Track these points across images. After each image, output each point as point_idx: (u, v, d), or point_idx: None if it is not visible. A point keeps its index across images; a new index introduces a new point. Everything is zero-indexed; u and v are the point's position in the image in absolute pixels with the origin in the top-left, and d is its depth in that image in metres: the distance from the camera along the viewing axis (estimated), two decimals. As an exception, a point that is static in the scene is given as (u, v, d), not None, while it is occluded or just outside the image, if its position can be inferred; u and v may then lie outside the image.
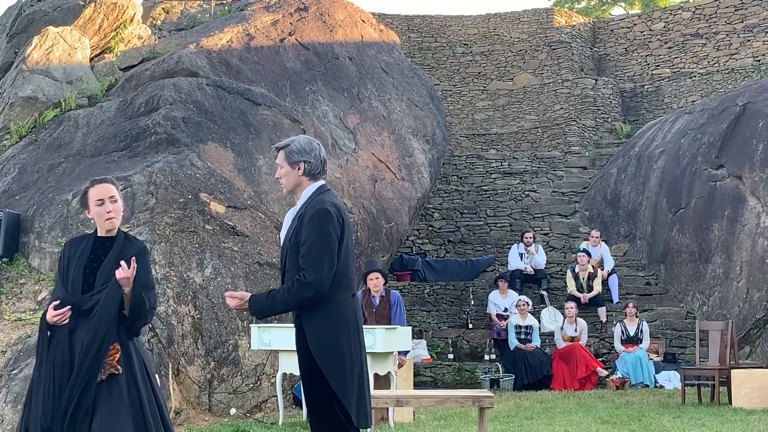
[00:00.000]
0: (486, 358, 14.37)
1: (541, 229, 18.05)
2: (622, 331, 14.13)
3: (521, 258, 16.15)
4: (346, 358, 4.61)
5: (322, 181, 4.86)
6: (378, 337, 9.09)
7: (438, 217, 18.51)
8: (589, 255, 15.48)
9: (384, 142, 15.88)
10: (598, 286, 15.26)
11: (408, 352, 10.60)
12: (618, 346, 14.11)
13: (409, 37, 23.61)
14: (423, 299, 16.00)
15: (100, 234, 5.01)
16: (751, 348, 13.59)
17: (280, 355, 9.79)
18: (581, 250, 15.68)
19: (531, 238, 16.34)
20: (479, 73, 23.65)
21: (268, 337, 9.56)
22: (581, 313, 14.66)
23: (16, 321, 10.06)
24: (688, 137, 16.63)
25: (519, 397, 12.40)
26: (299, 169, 4.82)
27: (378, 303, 10.42)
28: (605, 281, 15.61)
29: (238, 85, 13.85)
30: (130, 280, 4.77)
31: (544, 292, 15.82)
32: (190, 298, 10.54)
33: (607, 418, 9.84)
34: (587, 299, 15.10)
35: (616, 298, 15.61)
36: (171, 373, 9.91)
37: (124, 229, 5.13)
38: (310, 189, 4.82)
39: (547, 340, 14.48)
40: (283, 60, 15.28)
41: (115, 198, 4.99)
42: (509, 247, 16.74)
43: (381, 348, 9.12)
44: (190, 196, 11.50)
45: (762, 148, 14.84)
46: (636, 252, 16.96)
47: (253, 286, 11.01)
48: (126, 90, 13.47)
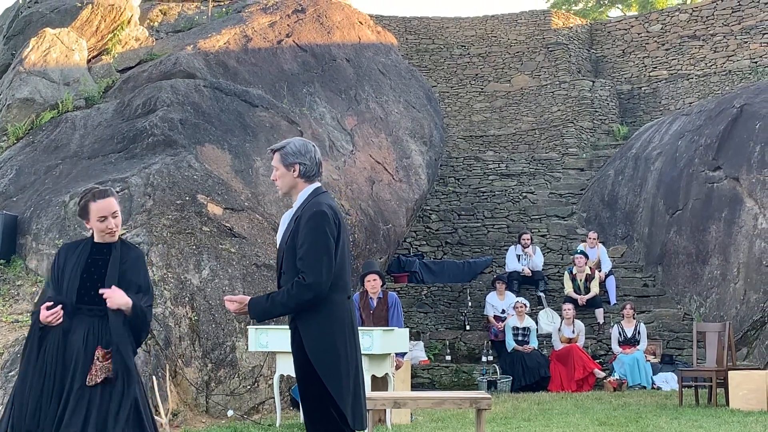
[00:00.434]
0: (483, 359, 14.37)
1: (539, 231, 18.04)
2: (620, 333, 14.13)
3: (519, 259, 16.15)
4: (341, 359, 4.62)
5: (317, 183, 4.87)
6: (375, 339, 9.09)
7: (435, 219, 18.50)
8: (586, 257, 15.49)
9: (381, 143, 15.88)
10: (595, 288, 15.27)
11: (405, 353, 10.59)
12: (615, 347, 14.11)
13: (406, 38, 23.62)
14: (420, 301, 16.00)
15: (97, 240, 5.01)
16: (748, 349, 13.59)
17: (278, 357, 9.79)
18: (579, 251, 15.68)
19: (528, 239, 16.34)
20: (476, 74, 23.66)
21: (266, 338, 9.55)
22: (579, 314, 14.66)
23: (13, 323, 10.05)
24: (686, 139, 16.64)
25: (516, 398, 12.40)
26: (294, 171, 4.82)
27: (375, 305, 10.41)
28: (602, 283, 15.61)
29: (235, 87, 13.84)
30: (123, 302, 4.79)
31: (542, 294, 15.82)
32: (187, 299, 10.53)
33: (605, 420, 9.84)
34: (585, 301, 15.11)
35: (613, 300, 15.61)
36: (168, 374, 9.90)
37: (121, 231, 5.13)
38: (306, 191, 4.82)
39: (544, 342, 14.48)
40: (280, 62, 15.28)
41: (117, 213, 5.00)
42: (507, 249, 16.74)
43: (378, 349, 9.11)
44: (187, 198, 11.49)
45: (759, 149, 14.85)
46: (633, 253, 16.96)
47: (250, 287, 11.00)
48: (123, 92, 13.46)
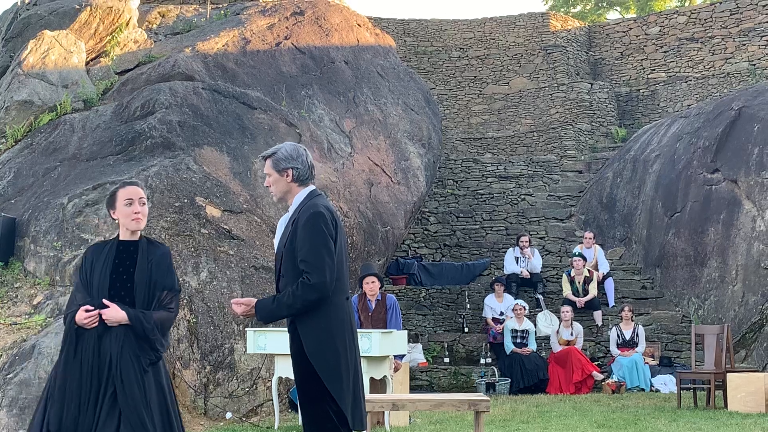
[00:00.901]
0: (482, 361, 14.38)
1: (537, 233, 18.04)
2: (618, 335, 14.13)
3: (517, 262, 16.15)
4: (342, 360, 4.63)
5: (312, 186, 4.88)
6: (374, 341, 9.09)
7: (434, 221, 18.50)
8: (584, 259, 15.48)
9: (380, 146, 15.88)
10: (593, 290, 15.26)
11: (404, 355, 10.59)
12: (614, 349, 14.11)
13: (404, 41, 23.63)
14: (419, 303, 15.99)
15: (122, 237, 5.00)
16: (746, 352, 13.60)
17: (276, 359, 9.78)
18: (576, 254, 15.66)
19: (527, 241, 16.34)
20: (475, 77, 23.67)
21: (264, 341, 9.55)
22: (577, 317, 14.66)
23: (11, 325, 10.04)
24: (684, 141, 16.65)
25: (515, 401, 12.40)
26: (288, 176, 4.84)
27: (374, 307, 10.41)
28: (601, 284, 15.61)
29: (234, 89, 13.84)
30: (120, 317, 4.81)
31: (540, 296, 15.82)
32: (185, 302, 10.53)
33: (603, 422, 9.84)
34: (583, 303, 15.11)
35: (611, 302, 15.61)
36: (166, 377, 9.89)
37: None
38: (301, 194, 4.84)
39: (542, 344, 14.48)
40: (279, 64, 15.28)
41: (144, 200, 5.01)
42: (505, 251, 16.74)
43: (377, 352, 9.11)
44: (185, 200, 11.49)
45: (757, 152, 14.87)
46: (632, 256, 16.96)
47: (248, 289, 11.00)
48: (122, 94, 13.46)
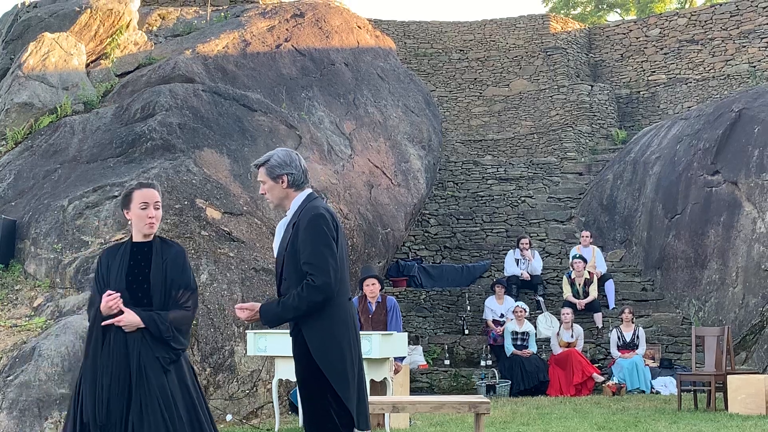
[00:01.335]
0: (482, 364, 14.37)
1: (537, 235, 18.04)
2: (619, 337, 14.12)
3: (517, 264, 16.14)
4: (347, 361, 4.64)
5: (309, 189, 4.88)
6: (374, 343, 9.08)
7: (434, 223, 18.50)
8: (584, 261, 15.48)
9: (380, 147, 15.88)
10: (594, 292, 15.26)
11: (404, 358, 10.58)
12: (614, 351, 14.10)
13: (405, 43, 23.64)
14: (419, 305, 15.99)
15: (136, 239, 4.99)
16: (747, 354, 13.59)
17: (276, 361, 9.77)
18: (576, 256, 15.63)
19: (527, 243, 16.33)
20: (475, 79, 23.68)
21: (264, 343, 9.53)
22: (577, 319, 14.65)
23: (11, 327, 10.04)
24: (684, 143, 16.65)
25: (515, 403, 12.39)
26: (283, 182, 4.85)
27: (374, 309, 10.41)
28: (601, 285, 15.60)
29: (234, 91, 13.85)
30: (136, 322, 4.80)
31: (540, 298, 15.82)
32: (185, 304, 10.51)
33: (604, 424, 9.83)
34: (583, 305, 15.09)
35: (612, 304, 15.60)
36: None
37: (119, 236, 5.13)
38: (299, 198, 4.85)
39: (543, 346, 14.47)
40: (279, 66, 15.28)
41: (159, 204, 5.00)
42: (505, 253, 16.73)
43: (377, 354, 9.10)
44: (186, 202, 11.49)
45: (758, 153, 14.87)
46: (632, 258, 16.96)
47: (249, 292, 11.00)
48: (122, 96, 13.46)
